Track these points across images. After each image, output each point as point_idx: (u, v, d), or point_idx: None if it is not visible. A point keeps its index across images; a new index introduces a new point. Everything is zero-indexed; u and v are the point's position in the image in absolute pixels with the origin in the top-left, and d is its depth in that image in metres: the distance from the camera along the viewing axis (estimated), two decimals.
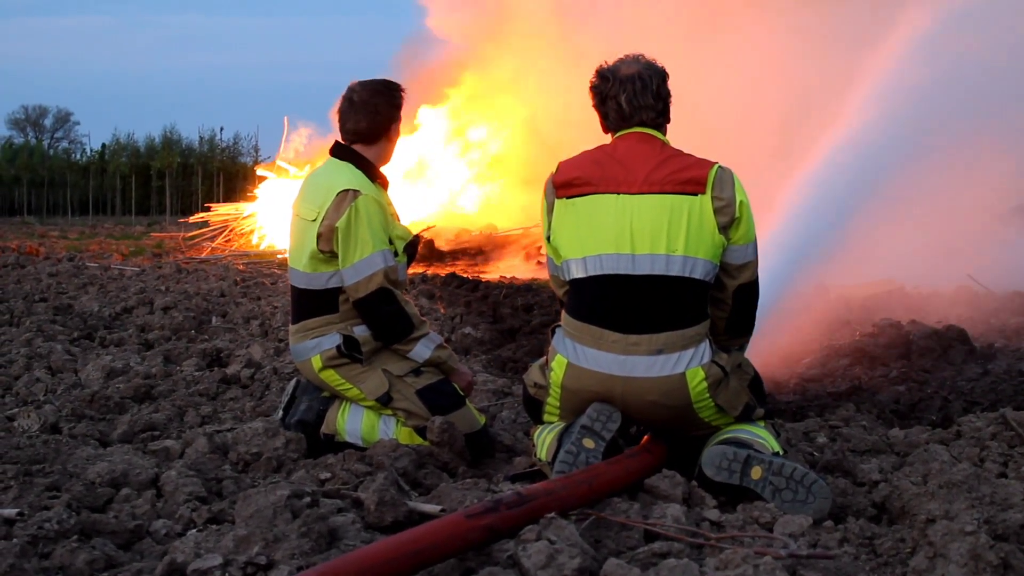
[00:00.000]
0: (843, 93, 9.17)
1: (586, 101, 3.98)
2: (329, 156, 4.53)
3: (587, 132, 4.35)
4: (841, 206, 7.32)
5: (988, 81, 8.62)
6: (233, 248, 21.42)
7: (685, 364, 3.69)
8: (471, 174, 23.31)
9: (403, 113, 4.54)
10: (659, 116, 3.87)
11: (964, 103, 8.36)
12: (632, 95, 3.82)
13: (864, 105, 8.40)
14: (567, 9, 20.31)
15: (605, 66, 3.92)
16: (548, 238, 3.93)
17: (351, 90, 4.47)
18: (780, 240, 6.58)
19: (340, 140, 4.51)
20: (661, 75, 3.89)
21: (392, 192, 4.59)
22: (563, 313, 3.93)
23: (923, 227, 9.27)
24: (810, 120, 9.53)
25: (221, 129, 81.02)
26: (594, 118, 3.99)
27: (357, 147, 4.46)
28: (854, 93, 8.91)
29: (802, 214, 7.18)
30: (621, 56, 3.93)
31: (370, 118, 4.42)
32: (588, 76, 3.95)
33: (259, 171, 25.23)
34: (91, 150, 63.98)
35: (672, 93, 3.93)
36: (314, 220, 4.33)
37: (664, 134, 3.92)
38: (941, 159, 8.24)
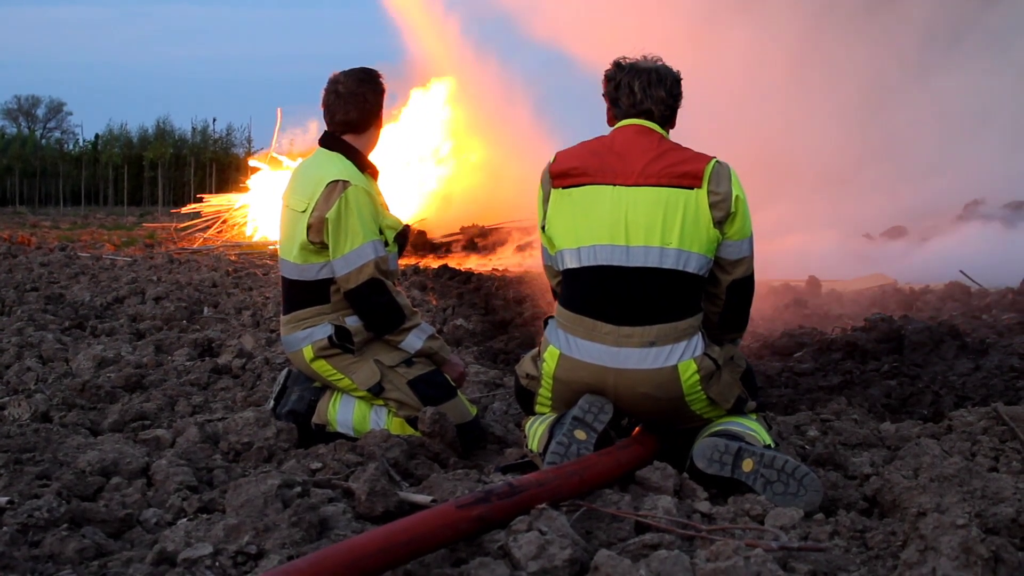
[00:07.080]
0: None
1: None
2: (319, 147, 4.52)
3: None
4: None
5: None
6: (225, 239, 21.41)
7: (677, 357, 3.69)
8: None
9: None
10: (667, 110, 3.89)
11: None
12: (646, 84, 3.86)
13: None
14: None
15: (623, 60, 3.95)
16: (543, 228, 3.92)
17: (335, 81, 4.45)
18: None
19: (328, 131, 4.50)
20: (676, 78, 3.93)
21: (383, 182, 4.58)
22: (556, 304, 3.92)
23: None
24: None
25: (214, 120, 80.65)
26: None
27: (347, 137, 4.45)
28: None
29: None
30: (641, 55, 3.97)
31: (360, 108, 4.41)
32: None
33: (252, 162, 25.22)
34: (84, 140, 63.95)
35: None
36: (304, 211, 4.31)
37: (667, 134, 3.93)
38: None
